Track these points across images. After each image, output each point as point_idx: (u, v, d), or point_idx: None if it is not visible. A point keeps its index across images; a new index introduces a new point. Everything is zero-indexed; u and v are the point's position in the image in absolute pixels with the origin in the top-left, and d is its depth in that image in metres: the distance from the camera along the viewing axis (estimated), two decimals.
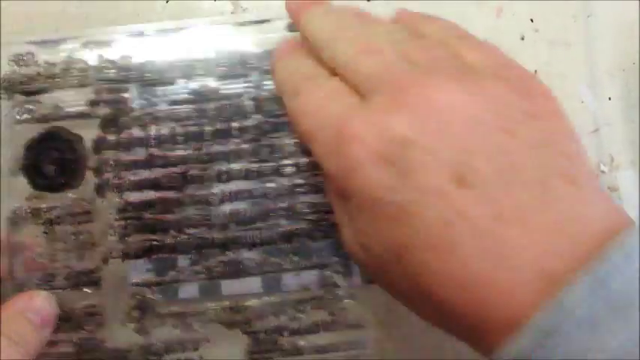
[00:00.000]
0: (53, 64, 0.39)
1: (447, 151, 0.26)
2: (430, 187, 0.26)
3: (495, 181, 0.26)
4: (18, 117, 0.38)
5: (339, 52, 0.32)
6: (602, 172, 0.41)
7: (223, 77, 0.39)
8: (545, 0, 0.42)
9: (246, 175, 0.39)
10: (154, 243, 0.38)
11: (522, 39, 0.41)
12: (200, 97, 0.39)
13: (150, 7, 0.41)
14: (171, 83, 0.39)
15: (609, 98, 0.41)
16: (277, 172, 0.39)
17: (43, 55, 0.39)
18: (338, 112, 0.29)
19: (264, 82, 0.39)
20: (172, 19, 0.40)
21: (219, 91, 0.39)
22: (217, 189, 0.38)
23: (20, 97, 0.39)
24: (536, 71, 0.41)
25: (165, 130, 0.38)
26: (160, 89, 0.39)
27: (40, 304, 0.37)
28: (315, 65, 0.33)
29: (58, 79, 0.39)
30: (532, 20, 0.42)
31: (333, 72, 0.32)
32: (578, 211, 0.26)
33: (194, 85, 0.39)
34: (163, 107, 0.39)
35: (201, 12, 0.41)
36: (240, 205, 0.39)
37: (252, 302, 0.38)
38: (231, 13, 0.41)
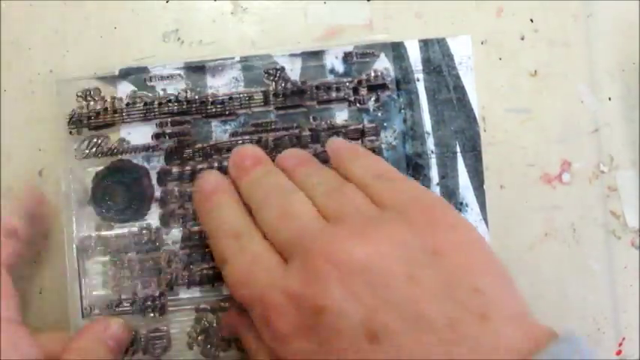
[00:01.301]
0: (119, 99, 0.40)
1: (355, 313, 0.29)
2: (347, 349, 0.29)
3: (404, 332, 0.28)
4: (87, 151, 0.40)
5: (265, 218, 0.35)
6: (602, 172, 0.41)
7: (281, 108, 0.40)
8: (546, 0, 0.42)
9: None
10: (217, 270, 0.39)
11: (522, 39, 0.41)
12: (259, 128, 0.40)
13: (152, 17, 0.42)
14: (232, 114, 0.40)
15: (609, 98, 0.41)
16: None
17: (109, 91, 0.40)
18: (262, 282, 0.32)
19: (321, 113, 0.40)
20: (173, 20, 0.41)
21: (278, 122, 0.40)
22: None
23: (88, 132, 0.40)
24: (536, 71, 0.41)
25: (226, 161, 0.39)
26: (220, 121, 0.40)
27: (116, 330, 0.38)
28: (238, 211, 0.36)
29: (124, 114, 0.40)
30: (532, 20, 0.42)
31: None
32: (489, 343, 0.28)
33: (253, 116, 0.40)
34: (224, 138, 0.40)
35: (200, 12, 0.41)
36: None
37: None
38: (231, 13, 0.41)
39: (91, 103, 0.40)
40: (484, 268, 0.30)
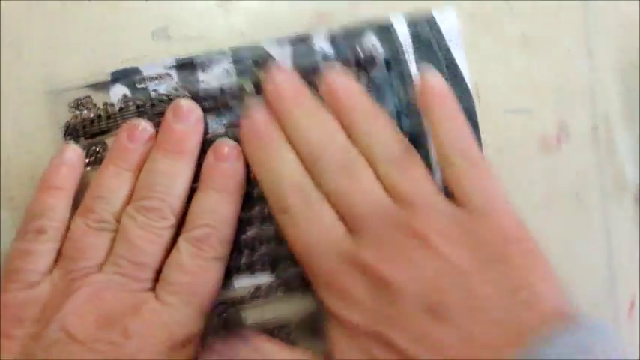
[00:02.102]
0: (111, 105, 0.40)
1: (421, 290, 0.33)
2: (407, 320, 0.33)
3: (462, 312, 0.32)
4: (87, 160, 0.40)
5: (327, 170, 0.36)
6: (599, 129, 0.41)
7: None
8: None
9: None
10: (231, 264, 0.40)
11: (509, 6, 0.41)
12: None
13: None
14: (226, 107, 0.40)
15: (600, 57, 0.41)
16: None
17: (100, 97, 0.40)
18: (331, 249, 0.35)
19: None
20: (160, 18, 0.41)
21: None
22: None
23: (85, 141, 0.40)
24: (525, 37, 0.41)
25: None
26: (215, 115, 0.40)
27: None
28: (299, 168, 0.37)
29: (118, 119, 0.40)
30: None
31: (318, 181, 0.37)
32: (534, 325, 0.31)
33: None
34: (221, 132, 0.40)
35: (187, 8, 0.41)
36: None
37: None
38: (217, 6, 0.41)
39: (84, 112, 0.40)
40: (541, 271, 0.34)
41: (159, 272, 0.37)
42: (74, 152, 0.39)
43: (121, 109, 0.40)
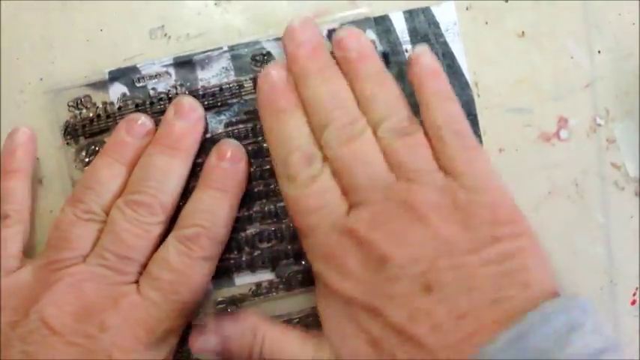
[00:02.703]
0: (110, 104, 0.40)
1: (417, 267, 0.33)
2: (402, 295, 0.33)
3: (456, 289, 0.32)
4: (86, 159, 0.40)
5: (333, 140, 0.36)
6: (599, 125, 0.41)
7: None
8: None
9: None
10: (231, 262, 0.40)
11: (506, 1, 0.41)
12: (252, 115, 0.40)
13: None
14: (225, 104, 0.40)
15: (599, 51, 0.41)
16: None
17: (100, 96, 0.40)
18: (330, 219, 0.35)
19: None
20: (158, 17, 0.41)
21: None
22: (283, 202, 0.39)
23: (84, 140, 0.40)
24: (523, 32, 0.41)
25: None
26: (214, 112, 0.40)
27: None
28: (309, 136, 0.37)
29: (117, 118, 0.40)
30: None
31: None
32: (525, 305, 0.31)
33: (246, 104, 0.40)
34: (220, 130, 0.40)
35: (184, 6, 0.41)
36: None
37: None
38: (215, 4, 0.41)
39: (84, 111, 0.40)
40: (533, 254, 0.34)
41: (145, 267, 0.37)
42: (24, 134, 0.39)
43: (120, 107, 0.40)
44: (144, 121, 0.39)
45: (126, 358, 0.35)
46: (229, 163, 0.38)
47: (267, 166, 0.40)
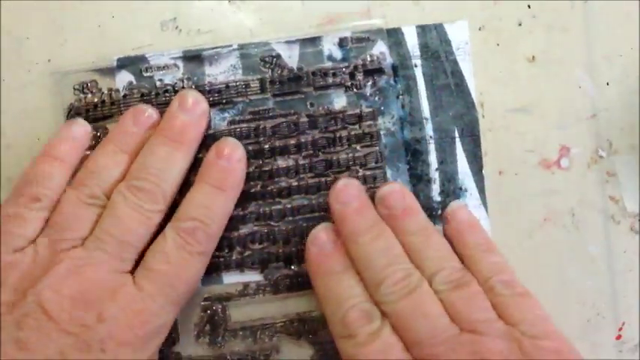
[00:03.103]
0: (116, 91, 0.40)
1: None
2: None
3: None
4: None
5: (390, 295, 0.36)
6: (601, 157, 0.41)
7: (278, 95, 0.40)
8: None
9: (307, 191, 0.40)
10: (221, 260, 0.39)
11: (520, 24, 0.41)
12: (257, 115, 0.40)
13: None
14: (230, 102, 0.40)
15: (607, 83, 0.41)
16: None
17: (106, 82, 0.40)
18: None
19: (319, 99, 0.40)
20: (171, 9, 0.41)
21: (275, 109, 0.40)
22: (279, 205, 0.40)
23: None
24: (533, 57, 0.41)
25: None
26: (218, 109, 0.40)
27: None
28: (364, 294, 0.37)
29: (122, 105, 0.40)
30: (529, 6, 0.41)
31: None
32: None
33: (251, 104, 0.40)
34: (222, 127, 0.40)
35: (198, 1, 0.41)
36: (302, 220, 0.40)
37: (317, 313, 0.40)
38: (229, 2, 0.41)
39: (89, 95, 0.40)
40: None
41: (141, 258, 0.37)
42: (83, 128, 0.39)
43: (125, 95, 0.40)
44: (151, 113, 0.39)
45: (119, 351, 0.34)
46: (227, 161, 0.38)
47: (266, 168, 0.40)
